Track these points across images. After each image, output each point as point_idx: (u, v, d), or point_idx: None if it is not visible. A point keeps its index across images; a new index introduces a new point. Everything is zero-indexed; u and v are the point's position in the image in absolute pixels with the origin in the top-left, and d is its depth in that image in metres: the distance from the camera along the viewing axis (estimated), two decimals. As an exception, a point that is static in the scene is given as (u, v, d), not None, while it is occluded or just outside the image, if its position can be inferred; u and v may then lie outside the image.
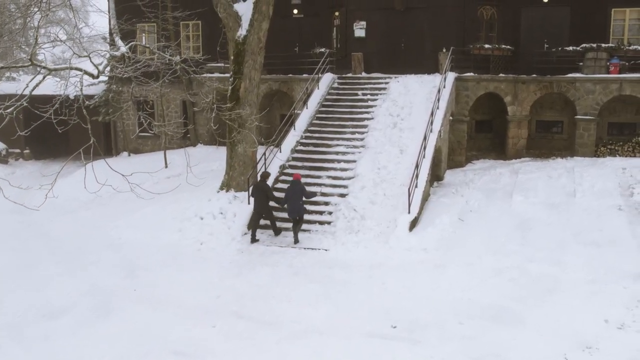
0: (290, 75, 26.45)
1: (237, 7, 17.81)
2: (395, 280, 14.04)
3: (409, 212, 16.45)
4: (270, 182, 18.76)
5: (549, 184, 19.62)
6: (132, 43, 12.34)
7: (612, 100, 22.99)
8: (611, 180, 19.40)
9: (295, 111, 22.51)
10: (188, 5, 27.00)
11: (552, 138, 24.84)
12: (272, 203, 17.25)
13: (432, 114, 19.21)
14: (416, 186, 17.25)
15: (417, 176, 17.29)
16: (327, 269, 14.99)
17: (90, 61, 11.20)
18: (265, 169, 19.01)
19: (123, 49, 11.88)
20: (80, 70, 11.00)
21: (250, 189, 17.65)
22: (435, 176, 20.78)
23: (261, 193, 16.94)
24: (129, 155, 29.78)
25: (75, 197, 23.22)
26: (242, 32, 17.64)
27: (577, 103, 22.97)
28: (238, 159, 18.03)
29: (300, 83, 25.26)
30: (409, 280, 14.01)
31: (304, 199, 16.71)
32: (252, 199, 17.41)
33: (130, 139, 31.31)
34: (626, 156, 22.78)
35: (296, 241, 16.61)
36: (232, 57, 18.06)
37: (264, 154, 18.98)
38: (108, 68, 13.81)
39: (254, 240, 16.92)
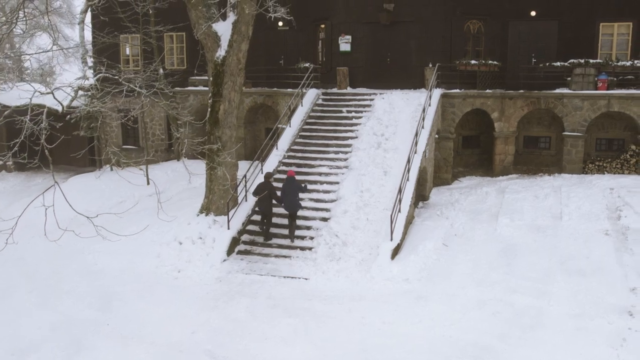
0: (275, 89, 26.05)
1: (216, 27, 17.35)
2: (376, 314, 13.67)
3: (391, 239, 16.08)
4: (250, 205, 18.41)
5: (536, 205, 19.30)
6: (101, 75, 11.85)
7: (600, 116, 22.71)
8: (598, 201, 19.10)
9: (280, 126, 22.13)
10: (171, 16, 26.51)
11: (539, 154, 24.54)
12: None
13: (416, 134, 18.83)
14: (399, 211, 16.87)
15: (400, 201, 16.91)
16: (307, 300, 14.60)
17: (54, 97, 10.74)
18: (246, 192, 18.61)
19: (91, 80, 11.42)
20: (43, 107, 10.53)
21: (254, 190, 17.97)
22: (421, 196, 20.43)
23: (267, 194, 17.22)
24: (111, 169, 29.26)
25: (56, 215, 22.74)
26: (221, 52, 17.20)
27: (565, 119, 22.67)
28: (217, 183, 17.60)
29: (285, 97, 24.87)
30: (390, 315, 13.65)
31: (299, 195, 17.32)
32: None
33: (114, 151, 30.75)
34: (614, 173, 22.52)
35: (292, 240, 17.22)
36: (210, 79, 17.62)
37: (245, 176, 18.57)
38: (83, 96, 13.45)
39: (267, 238, 17.62)
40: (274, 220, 17.84)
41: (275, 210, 17.65)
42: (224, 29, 17.29)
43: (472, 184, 22.58)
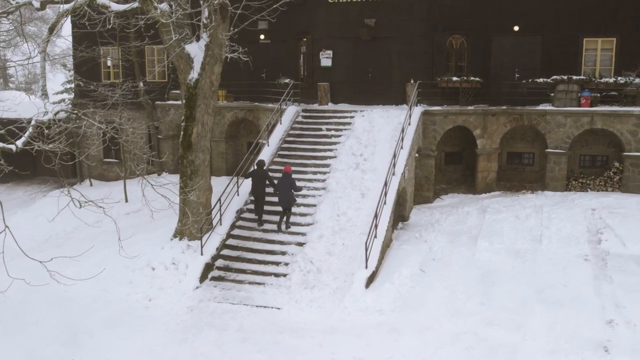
0: (257, 103, 25.72)
1: (189, 48, 16.98)
2: (347, 349, 13.36)
3: (366, 267, 15.76)
4: (225, 229, 18.10)
5: (516, 227, 19.03)
6: (61, 110, 11.51)
7: (584, 133, 22.44)
8: (580, 222, 18.84)
9: (261, 141, 21.80)
10: (153, 28, 26.06)
11: (523, 170, 24.28)
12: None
13: (394, 155, 18.50)
14: (375, 236, 16.55)
15: (376, 226, 16.59)
16: (278, 333, 14.27)
17: (6, 137, 10.37)
18: (221, 216, 18.28)
19: (50, 114, 11.06)
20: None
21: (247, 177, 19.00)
22: (401, 216, 20.14)
23: (259, 179, 18.00)
24: (91, 185, 28.88)
25: (30, 236, 22.44)
26: (193, 75, 16.83)
27: (548, 136, 22.40)
28: (191, 207, 17.23)
29: (266, 112, 24.52)
30: (361, 350, 13.34)
31: (293, 191, 17.78)
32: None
33: (95, 164, 30.44)
34: (598, 190, 22.27)
35: (288, 227, 17.89)
36: (183, 101, 17.26)
37: (219, 199, 18.22)
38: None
39: (261, 223, 18.33)
40: (254, 243, 17.56)
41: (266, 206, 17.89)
42: (196, 50, 16.93)
43: (453, 202, 22.29)
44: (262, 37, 26.51)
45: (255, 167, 18.55)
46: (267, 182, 18.11)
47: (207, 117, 17.09)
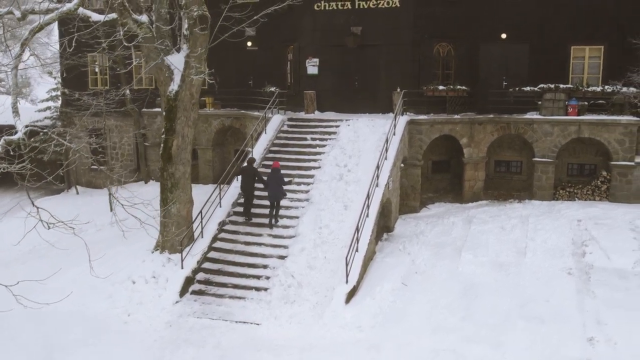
0: (243, 111, 25.54)
1: (170, 59, 16.80)
2: (324, 368, 13.20)
3: (346, 282, 15.60)
4: (207, 242, 17.93)
5: (501, 238, 18.89)
6: (29, 128, 11.33)
7: (571, 141, 22.31)
8: (565, 234, 18.71)
9: (248, 149, 21.66)
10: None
11: (510, 178, 24.13)
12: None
13: (377, 167, 18.34)
14: (356, 250, 16.40)
15: (357, 240, 16.43)
16: (256, 351, 14.11)
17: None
18: (202, 228, 18.10)
19: (20, 134, 10.88)
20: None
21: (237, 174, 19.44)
22: (385, 227, 19.99)
23: (248, 176, 18.31)
24: (77, 193, 28.69)
25: (14, 246, 22.20)
26: (173, 87, 16.66)
27: (535, 145, 22.27)
28: (172, 220, 17.07)
29: (253, 120, 24.32)
30: (338, 368, 13.19)
31: (283, 187, 18.18)
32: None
33: (83, 171, 30.25)
34: (585, 199, 22.15)
35: (277, 221, 18.27)
36: (164, 113, 17.09)
37: (201, 212, 18.03)
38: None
39: (248, 217, 18.74)
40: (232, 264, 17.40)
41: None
42: (177, 62, 16.74)
43: (440, 212, 22.13)
44: (249, 44, 26.31)
45: (246, 164, 18.83)
46: (257, 180, 18.45)
47: (188, 129, 16.92)
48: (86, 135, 29.41)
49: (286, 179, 18.47)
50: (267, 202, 18.43)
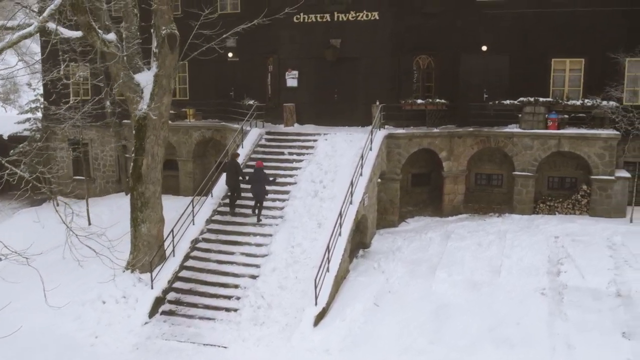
0: (224, 123, 25.37)
1: (139, 77, 16.64)
2: (287, 396, 13.04)
3: (315, 304, 15.45)
4: (178, 261, 17.76)
5: (477, 255, 18.72)
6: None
7: (552, 154, 22.14)
8: (541, 251, 18.53)
9: (226, 160, 21.47)
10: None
11: (491, 191, 23.97)
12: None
13: (351, 184, 18.17)
14: (327, 270, 16.23)
15: (328, 260, 16.26)
16: (221, 376, 13.94)
17: None
18: (174, 247, 17.93)
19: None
20: None
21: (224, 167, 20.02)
22: (362, 243, 19.83)
23: (232, 170, 18.92)
24: (57, 205, 28.40)
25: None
26: (143, 106, 16.49)
27: (515, 159, 22.11)
28: (142, 240, 16.92)
29: (233, 132, 24.11)
30: (302, 396, 13.02)
31: (266, 186, 18.77)
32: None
33: (65, 182, 30.03)
34: (566, 213, 21.99)
35: (260, 219, 18.76)
36: (133, 132, 16.92)
37: (172, 230, 17.86)
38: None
39: (233, 211, 19.36)
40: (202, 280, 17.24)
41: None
42: (146, 80, 16.58)
43: (418, 227, 21.97)
44: (230, 55, 26.14)
45: (230, 159, 19.42)
46: (239, 174, 19.06)
47: (158, 148, 16.75)
48: (68, 146, 29.27)
49: (270, 178, 18.92)
50: (246, 212, 19.27)
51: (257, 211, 18.86)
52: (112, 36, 15.86)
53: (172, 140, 26.36)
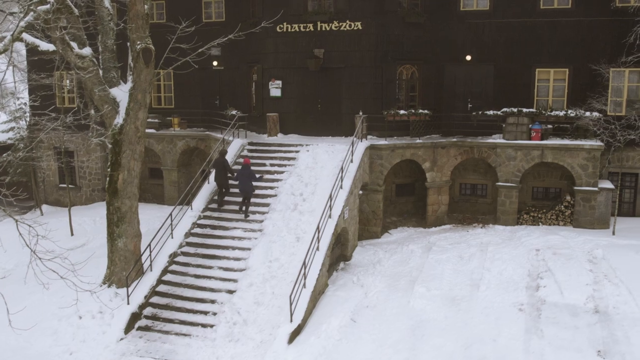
0: (208, 132, 25.31)
1: (115, 91, 16.53)
2: (256, 417, 12.93)
3: (290, 321, 15.32)
4: (156, 275, 17.67)
5: (458, 269, 18.63)
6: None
7: (536, 164, 22.05)
8: (522, 265, 18.45)
9: (211, 170, 21.43)
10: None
11: (476, 201, 23.89)
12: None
13: (330, 197, 18.06)
14: (304, 286, 16.13)
15: (305, 276, 16.16)
16: (190, 398, 13.83)
17: None
18: (151, 262, 17.82)
19: None
20: None
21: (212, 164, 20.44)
22: (343, 256, 19.74)
23: (220, 167, 19.33)
24: (42, 214, 28.38)
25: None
26: (119, 120, 16.37)
27: (499, 169, 22.02)
28: (119, 254, 16.82)
29: (217, 142, 24.06)
30: (271, 417, 12.91)
31: (253, 182, 19.09)
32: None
33: (51, 189, 29.97)
34: (550, 224, 21.92)
35: (246, 216, 19.12)
36: (109, 146, 16.82)
37: (149, 245, 17.74)
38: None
39: (220, 206, 19.79)
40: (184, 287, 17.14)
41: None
42: (122, 95, 16.47)
43: (401, 238, 21.88)
44: (215, 63, 26.05)
45: (218, 156, 19.74)
46: (227, 171, 19.43)
47: (134, 162, 16.63)
48: (54, 154, 29.17)
49: (257, 175, 19.29)
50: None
51: (244, 207, 19.18)
52: (87, 51, 15.77)
53: (157, 149, 26.31)
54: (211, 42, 17.93)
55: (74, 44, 15.78)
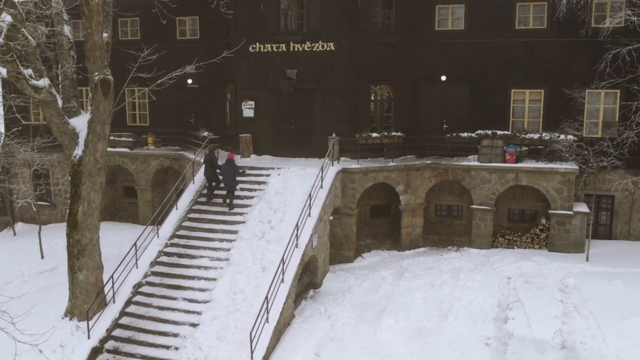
0: (181, 152, 25.03)
1: (74, 122, 16.21)
2: None
3: (251, 358, 15.03)
4: (119, 307, 17.36)
5: (428, 297, 18.38)
6: None
7: (512, 187, 21.78)
8: (492, 294, 18.20)
9: (185, 188, 21.24)
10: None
11: (451, 223, 23.63)
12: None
13: (297, 227, 17.77)
14: (267, 321, 15.84)
15: (267, 310, 15.87)
16: None
17: None
18: (114, 294, 17.50)
19: None
20: None
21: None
22: (312, 283, 19.46)
23: (209, 163, 20.26)
24: (15, 234, 28.01)
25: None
26: (78, 151, 16.04)
27: (473, 192, 21.77)
28: (80, 287, 16.51)
29: (190, 162, 23.75)
30: None
31: (236, 177, 20.00)
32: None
33: (27, 207, 29.58)
34: (525, 247, 21.70)
35: (231, 208, 19.96)
36: (69, 178, 16.50)
37: (112, 276, 17.41)
38: None
39: (210, 199, 20.67)
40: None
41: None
42: (82, 124, 16.15)
43: (374, 262, 21.62)
44: (189, 81, 25.74)
45: (207, 153, 20.70)
46: (215, 166, 20.30)
47: (94, 194, 16.31)
48: (29, 171, 28.80)
49: (240, 170, 20.17)
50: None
51: (228, 200, 20.04)
52: (43, 82, 15.42)
53: (131, 168, 26.01)
54: (180, 68, 17.60)
55: (30, 71, 15.42)
